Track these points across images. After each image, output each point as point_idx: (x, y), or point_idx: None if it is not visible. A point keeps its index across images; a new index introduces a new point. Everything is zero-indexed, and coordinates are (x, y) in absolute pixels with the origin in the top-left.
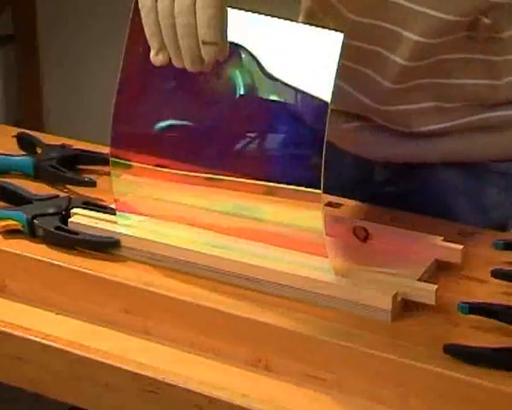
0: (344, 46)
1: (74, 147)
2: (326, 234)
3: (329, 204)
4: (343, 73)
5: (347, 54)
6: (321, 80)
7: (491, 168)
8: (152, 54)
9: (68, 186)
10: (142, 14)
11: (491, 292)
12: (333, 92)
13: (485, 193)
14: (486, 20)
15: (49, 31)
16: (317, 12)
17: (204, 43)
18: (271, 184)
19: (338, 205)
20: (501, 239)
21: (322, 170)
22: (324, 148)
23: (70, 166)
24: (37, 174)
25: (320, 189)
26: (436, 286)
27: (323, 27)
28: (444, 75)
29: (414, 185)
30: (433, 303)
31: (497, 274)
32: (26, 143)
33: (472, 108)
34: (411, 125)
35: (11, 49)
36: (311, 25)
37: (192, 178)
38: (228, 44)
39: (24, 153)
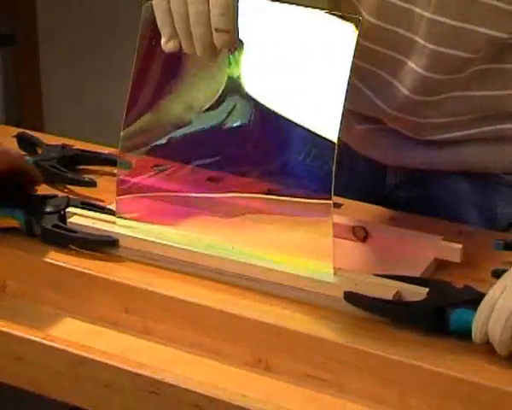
0: (361, 30)
1: (74, 147)
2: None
3: None
4: (361, 74)
5: (365, 56)
6: (336, 72)
7: (504, 180)
8: (163, 41)
9: (68, 186)
10: (154, 3)
11: None
12: (348, 86)
13: (496, 205)
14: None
15: (49, 31)
16: (340, 10)
17: (217, 30)
18: (278, 197)
19: (338, 205)
20: (501, 239)
21: (333, 178)
22: (336, 152)
23: (70, 167)
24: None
25: (330, 195)
26: (427, 289)
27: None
28: (461, 88)
29: (425, 192)
30: None
31: (497, 274)
32: (26, 143)
33: (486, 119)
34: (424, 134)
35: (11, 50)
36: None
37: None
38: (238, 33)
39: (24, 153)
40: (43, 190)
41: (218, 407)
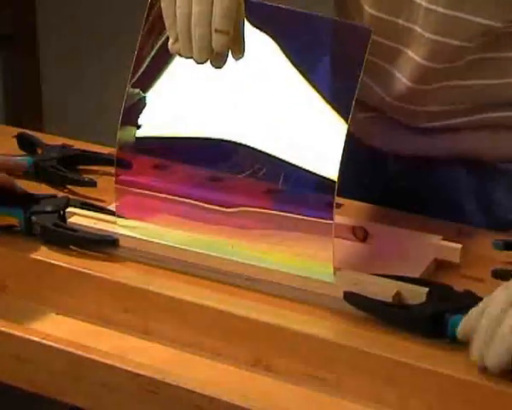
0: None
1: (74, 147)
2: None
3: None
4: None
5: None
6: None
7: (501, 169)
8: (170, 42)
9: (68, 186)
10: (163, 5)
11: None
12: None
13: (493, 193)
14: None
15: (49, 31)
16: (343, 6)
17: (216, 31)
18: (280, 213)
19: (338, 205)
20: (501, 239)
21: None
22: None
23: (70, 166)
24: (38, 174)
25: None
26: (427, 289)
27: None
28: (457, 77)
29: (423, 180)
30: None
31: (497, 274)
32: (26, 143)
33: (482, 108)
34: (421, 122)
35: (11, 49)
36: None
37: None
38: (243, 39)
39: (24, 153)
40: (44, 190)
41: (218, 407)
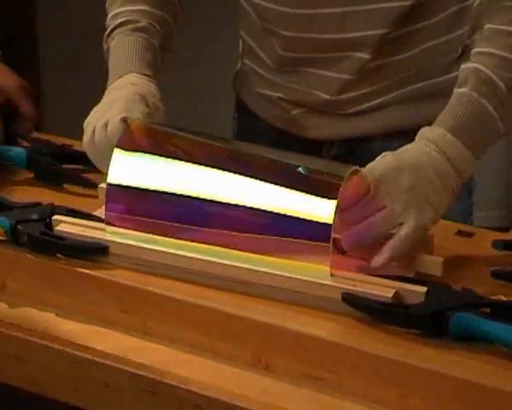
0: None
1: (74, 147)
2: None
3: None
4: (298, 76)
5: (305, 61)
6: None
7: None
8: None
9: (67, 186)
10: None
11: (491, 292)
12: None
13: None
14: None
15: (49, 31)
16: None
17: None
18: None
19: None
20: (501, 239)
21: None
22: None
23: (69, 166)
24: (37, 174)
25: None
26: (425, 288)
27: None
28: (387, 55)
29: (358, 159)
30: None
31: (497, 274)
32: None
33: (402, 82)
34: (351, 107)
35: (11, 49)
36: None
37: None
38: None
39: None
40: (43, 191)
41: (218, 407)
